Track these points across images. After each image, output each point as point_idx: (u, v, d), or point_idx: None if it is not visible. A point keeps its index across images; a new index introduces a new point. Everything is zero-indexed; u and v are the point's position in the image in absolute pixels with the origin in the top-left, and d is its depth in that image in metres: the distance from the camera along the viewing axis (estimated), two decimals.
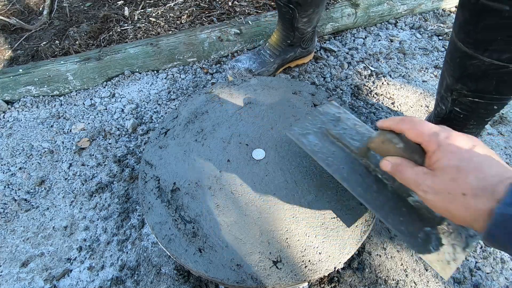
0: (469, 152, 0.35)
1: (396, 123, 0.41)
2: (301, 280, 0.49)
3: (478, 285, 0.66)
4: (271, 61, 1.01)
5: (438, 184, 0.36)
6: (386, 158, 0.43)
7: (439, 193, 0.36)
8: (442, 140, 0.37)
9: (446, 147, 0.36)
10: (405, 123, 0.40)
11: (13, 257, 0.73)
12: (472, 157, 0.35)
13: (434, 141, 0.37)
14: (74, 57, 1.07)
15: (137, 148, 0.92)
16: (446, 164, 0.35)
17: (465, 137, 0.37)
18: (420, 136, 0.39)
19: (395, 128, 0.42)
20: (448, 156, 0.36)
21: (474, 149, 0.35)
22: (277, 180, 0.59)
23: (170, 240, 0.53)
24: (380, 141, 0.44)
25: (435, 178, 0.36)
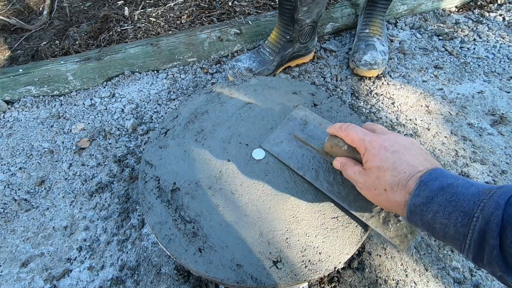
0: (386, 153, 0.41)
1: (337, 131, 0.49)
2: (301, 280, 0.49)
3: (478, 285, 0.66)
4: (270, 59, 1.01)
5: (367, 181, 0.43)
6: (336, 159, 0.51)
7: (369, 189, 0.44)
8: (368, 144, 0.43)
9: (370, 151, 0.43)
10: (342, 130, 0.48)
11: (13, 257, 0.73)
12: (388, 157, 0.41)
13: (362, 145, 0.44)
14: (74, 57, 1.07)
15: (137, 148, 0.92)
16: (370, 165, 0.42)
17: (385, 139, 0.43)
18: (352, 142, 0.46)
19: (337, 134, 0.49)
20: (372, 158, 0.42)
21: (392, 148, 0.42)
22: (277, 180, 0.59)
23: (170, 240, 0.53)
24: (329, 146, 0.52)
25: (366, 177, 0.44)
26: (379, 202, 0.43)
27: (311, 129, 0.62)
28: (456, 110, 0.99)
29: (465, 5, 1.38)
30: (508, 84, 1.06)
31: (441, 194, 0.35)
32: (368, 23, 1.09)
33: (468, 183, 0.35)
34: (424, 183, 0.37)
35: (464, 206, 0.33)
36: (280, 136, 0.63)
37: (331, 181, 0.56)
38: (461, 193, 0.34)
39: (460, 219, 0.33)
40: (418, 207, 0.37)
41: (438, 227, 0.35)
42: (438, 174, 0.38)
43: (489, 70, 1.11)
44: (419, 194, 0.37)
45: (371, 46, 1.04)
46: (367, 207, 0.52)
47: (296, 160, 0.59)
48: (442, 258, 0.70)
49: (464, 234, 0.32)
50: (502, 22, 1.29)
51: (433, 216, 0.35)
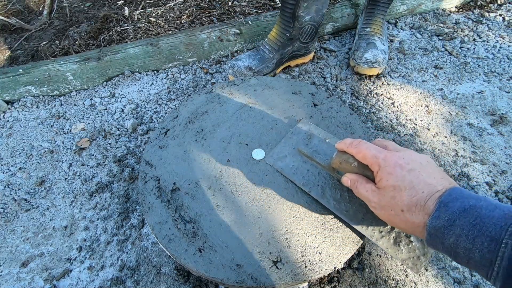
0: (402, 171, 0.40)
1: (347, 147, 0.47)
2: (301, 280, 0.49)
3: (478, 285, 0.66)
4: (270, 56, 1.01)
5: (382, 201, 0.41)
6: (346, 175, 0.48)
7: (384, 209, 0.41)
8: (381, 162, 0.42)
9: (384, 169, 0.41)
10: (352, 147, 0.46)
11: (13, 257, 0.73)
12: (405, 176, 0.39)
13: (376, 163, 0.42)
14: (74, 57, 1.07)
15: (137, 148, 0.92)
16: (385, 184, 0.40)
17: (400, 156, 0.41)
18: (364, 159, 0.44)
19: (347, 151, 0.47)
20: (387, 176, 0.40)
21: (408, 166, 0.40)
22: (277, 180, 0.59)
23: (170, 240, 0.53)
24: (338, 162, 0.50)
25: (380, 196, 0.41)
26: (395, 223, 0.41)
27: (315, 144, 0.60)
28: (456, 110, 0.99)
29: (465, 5, 1.38)
30: (508, 84, 1.06)
31: (463, 216, 0.33)
32: (369, 21, 1.09)
33: (491, 204, 0.34)
34: (444, 204, 0.35)
35: (490, 230, 0.31)
36: (284, 150, 0.61)
37: (338, 199, 0.54)
38: (486, 216, 0.32)
39: (487, 245, 0.31)
40: (439, 230, 0.35)
41: (462, 252, 0.33)
42: (458, 194, 0.36)
43: (489, 70, 1.11)
44: (440, 216, 0.35)
45: (372, 44, 1.04)
46: (377, 227, 0.50)
47: (301, 176, 0.57)
48: (442, 258, 0.70)
49: (491, 260, 0.31)
50: (502, 22, 1.29)
51: (455, 240, 0.33)
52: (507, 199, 0.78)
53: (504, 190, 0.80)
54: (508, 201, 0.78)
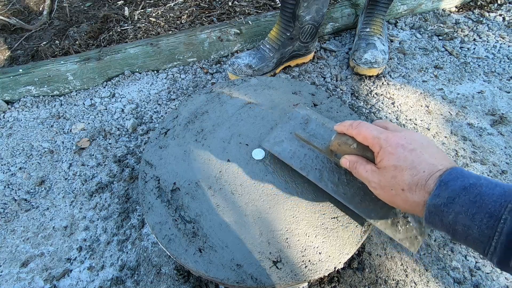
0: (404, 151, 0.40)
1: (347, 129, 0.47)
2: (301, 280, 0.49)
3: (478, 285, 0.66)
4: (270, 55, 1.01)
5: (383, 181, 0.41)
6: (344, 157, 0.48)
7: (384, 189, 0.42)
8: (383, 143, 0.42)
9: (385, 149, 0.41)
10: (353, 128, 0.46)
11: (13, 257, 0.73)
12: (406, 156, 0.39)
13: (377, 143, 0.42)
14: (74, 57, 1.07)
15: (137, 148, 0.92)
16: (386, 164, 0.41)
17: (401, 136, 0.42)
18: (365, 140, 0.44)
19: (347, 132, 0.47)
20: (388, 156, 0.41)
21: (410, 146, 0.40)
22: (277, 180, 0.59)
23: (170, 240, 0.53)
24: (337, 144, 0.49)
25: (381, 176, 0.42)
26: (395, 202, 0.41)
27: (313, 128, 0.60)
28: (456, 110, 0.99)
29: (465, 5, 1.38)
30: (508, 84, 1.06)
31: (463, 194, 0.34)
32: (369, 22, 1.09)
33: (491, 183, 0.34)
34: (445, 183, 0.36)
35: (489, 207, 0.32)
36: (280, 135, 0.61)
37: (336, 182, 0.54)
38: (486, 194, 0.33)
39: (486, 221, 0.31)
40: (438, 208, 0.35)
41: (460, 229, 0.34)
42: (458, 173, 0.36)
43: (489, 70, 1.11)
44: (440, 195, 0.35)
45: (371, 45, 1.04)
46: (375, 209, 0.50)
47: (299, 160, 0.57)
48: (442, 258, 0.70)
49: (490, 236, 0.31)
50: (502, 22, 1.29)
51: (454, 217, 0.34)
52: None
53: None
54: None
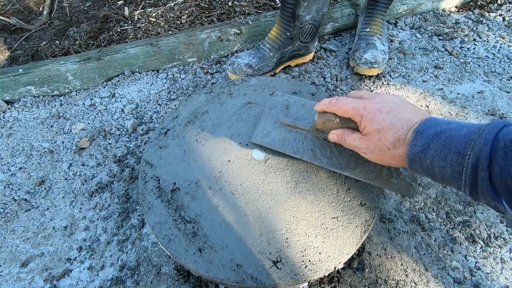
0: (382, 115, 0.44)
1: (327, 107, 0.50)
2: (301, 280, 0.49)
3: (478, 285, 0.66)
4: (270, 55, 1.01)
5: (370, 145, 0.45)
6: (331, 132, 0.52)
7: (373, 152, 0.46)
8: (362, 112, 0.45)
9: (366, 117, 0.45)
10: (332, 105, 0.49)
11: (13, 257, 0.73)
12: (385, 118, 0.43)
13: (357, 113, 0.46)
14: (74, 57, 1.07)
15: (137, 148, 0.92)
16: (370, 130, 0.44)
17: (377, 102, 0.45)
18: (346, 113, 0.48)
19: (328, 110, 0.51)
20: (369, 123, 0.44)
21: (385, 109, 0.44)
22: (277, 180, 0.59)
23: (170, 240, 0.53)
24: (321, 122, 0.53)
25: (367, 141, 0.46)
26: (385, 160, 0.46)
27: (294, 112, 0.62)
28: (456, 110, 0.99)
29: (465, 5, 1.38)
30: (508, 84, 1.06)
31: (436, 140, 0.38)
32: (369, 22, 1.09)
33: (459, 125, 0.38)
34: (420, 133, 0.40)
35: (457, 147, 0.36)
36: (266, 127, 0.63)
37: (328, 156, 0.57)
38: (454, 136, 0.37)
39: (455, 159, 0.35)
40: (416, 155, 0.39)
41: (437, 170, 0.38)
42: (432, 122, 0.40)
43: (489, 70, 1.11)
44: (416, 144, 0.39)
45: (371, 45, 1.04)
46: (369, 170, 0.54)
47: (290, 145, 0.60)
48: (442, 258, 0.70)
49: (459, 172, 0.35)
50: (502, 22, 1.29)
51: (431, 161, 0.38)
52: None
53: None
54: None
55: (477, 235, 0.73)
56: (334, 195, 0.57)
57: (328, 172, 0.59)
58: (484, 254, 0.70)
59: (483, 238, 0.72)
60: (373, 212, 0.56)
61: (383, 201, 0.78)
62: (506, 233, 0.73)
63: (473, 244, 0.72)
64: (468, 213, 0.76)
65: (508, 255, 0.70)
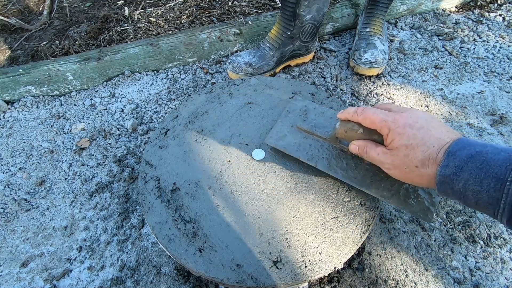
0: (413, 130, 0.42)
1: (352, 116, 0.48)
2: (301, 280, 0.49)
3: (478, 285, 0.66)
4: (270, 54, 1.01)
5: (396, 161, 0.43)
6: (353, 142, 0.49)
7: (398, 168, 0.43)
8: (391, 124, 0.43)
9: (395, 130, 0.43)
10: (358, 114, 0.47)
11: (13, 257, 0.73)
12: (416, 134, 0.41)
13: (385, 126, 0.44)
14: (74, 57, 1.07)
15: (137, 148, 0.92)
16: (397, 144, 0.42)
17: (408, 116, 0.44)
18: (372, 124, 0.45)
19: (352, 119, 0.48)
20: (398, 137, 0.42)
21: (417, 125, 0.42)
22: (277, 180, 0.59)
23: (170, 240, 0.53)
24: (343, 131, 0.50)
25: (393, 156, 0.43)
26: (410, 179, 0.43)
27: (313, 118, 0.60)
28: (456, 110, 0.99)
29: (465, 5, 1.38)
30: (508, 84, 1.06)
31: (470, 162, 0.36)
32: (369, 22, 1.09)
33: (496, 149, 0.36)
34: (452, 153, 0.38)
35: (495, 171, 0.34)
36: (282, 129, 0.61)
37: (344, 167, 0.55)
38: (491, 159, 0.35)
39: (493, 185, 0.33)
40: (448, 177, 0.37)
41: (470, 194, 0.36)
42: (465, 143, 0.38)
43: (489, 70, 1.11)
44: (449, 165, 0.37)
45: (372, 44, 1.04)
46: (385, 188, 0.52)
47: (305, 151, 0.57)
48: (442, 258, 0.70)
49: (498, 198, 0.33)
50: (502, 22, 1.29)
51: (464, 184, 0.36)
52: None
53: None
54: None
55: (477, 235, 0.73)
56: (334, 195, 0.57)
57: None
58: (484, 254, 0.70)
59: (483, 238, 0.72)
60: (373, 212, 0.56)
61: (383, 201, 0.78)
62: (506, 233, 0.73)
63: (473, 244, 0.72)
64: (468, 213, 0.76)
65: (508, 255, 0.70)
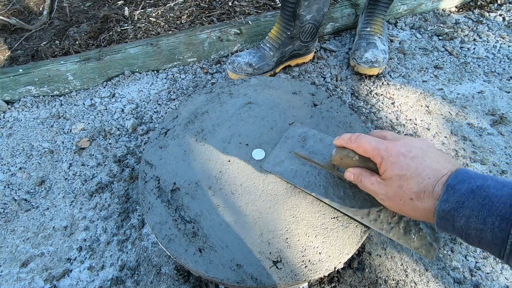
0: (406, 159, 0.40)
1: (346, 143, 0.47)
2: (301, 280, 0.49)
3: (478, 285, 0.66)
4: (270, 54, 1.01)
5: (389, 192, 0.41)
6: (348, 170, 0.48)
7: (392, 200, 0.41)
8: (383, 153, 0.41)
9: (387, 159, 0.41)
10: (352, 142, 0.46)
11: (13, 257, 0.73)
12: (409, 164, 0.39)
13: (378, 154, 0.42)
14: (74, 57, 1.07)
15: (137, 148, 0.92)
16: (390, 175, 0.40)
17: (401, 145, 0.42)
18: (366, 152, 0.44)
19: (347, 146, 0.47)
20: (391, 167, 0.40)
21: (410, 154, 0.40)
22: (277, 180, 0.59)
23: (170, 240, 0.53)
24: (339, 158, 0.49)
25: (387, 187, 0.42)
26: (405, 211, 0.41)
27: (311, 145, 0.60)
28: (456, 110, 0.99)
29: (465, 5, 1.38)
30: (508, 84, 1.06)
31: (472, 197, 0.34)
32: (369, 21, 1.09)
33: (499, 183, 0.34)
34: (452, 187, 0.35)
35: (499, 209, 0.32)
36: (280, 155, 0.61)
37: (341, 196, 0.54)
38: (494, 196, 0.33)
39: (498, 224, 0.31)
40: (448, 213, 0.35)
41: (473, 232, 0.34)
42: (464, 175, 0.36)
43: (489, 70, 1.11)
44: (448, 199, 0.35)
45: (372, 44, 1.04)
46: (384, 220, 0.50)
47: (302, 178, 0.57)
48: (442, 258, 0.70)
49: (503, 239, 0.31)
50: (502, 22, 1.29)
51: (466, 221, 0.34)
52: None
53: None
54: None
55: None
56: None
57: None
58: (484, 254, 0.70)
59: None
60: None
61: None
62: None
63: None
64: None
65: None
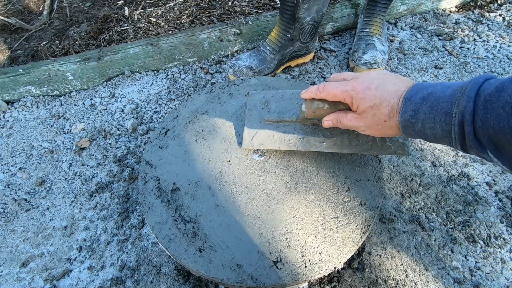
0: (372, 91, 0.45)
1: (315, 94, 0.51)
2: (301, 280, 0.49)
3: (478, 285, 0.66)
4: (271, 57, 1.01)
5: (367, 122, 0.47)
6: (325, 119, 0.52)
7: (372, 127, 0.47)
8: (352, 93, 0.47)
9: (357, 96, 0.46)
10: (320, 92, 0.50)
11: (13, 257, 0.73)
12: (375, 95, 0.45)
13: (347, 96, 0.47)
14: (74, 57, 1.07)
15: (137, 148, 0.92)
16: (364, 108, 0.46)
17: (363, 80, 0.47)
18: (335, 97, 0.49)
19: (316, 97, 0.51)
20: (362, 102, 0.46)
21: (373, 85, 0.45)
22: (277, 180, 0.59)
23: (170, 240, 0.53)
24: (311, 112, 0.53)
25: (364, 119, 0.47)
26: (385, 132, 0.47)
27: (275, 106, 0.62)
28: None
29: (465, 5, 1.38)
30: None
31: (424, 103, 0.40)
32: (368, 22, 1.09)
33: (445, 86, 0.40)
34: (408, 99, 0.42)
35: (444, 107, 0.38)
36: (253, 128, 0.62)
37: (322, 140, 0.57)
38: (440, 97, 0.39)
39: (443, 119, 0.38)
40: (408, 121, 0.42)
41: (429, 132, 0.40)
42: (418, 87, 0.42)
43: (489, 70, 1.11)
44: (406, 110, 0.42)
45: (371, 45, 1.04)
46: (363, 142, 0.55)
47: (282, 140, 0.59)
48: (442, 258, 0.70)
49: (449, 130, 0.37)
50: (502, 22, 1.29)
51: (422, 124, 0.40)
52: (507, 199, 0.78)
53: (504, 190, 0.80)
54: (508, 201, 0.78)
55: (477, 235, 0.73)
56: (334, 195, 0.57)
57: (328, 172, 0.59)
58: (484, 254, 0.70)
59: (483, 238, 0.72)
60: (373, 212, 0.56)
61: (383, 201, 0.78)
62: (506, 233, 0.73)
63: (473, 244, 0.72)
64: (468, 213, 0.76)
65: (508, 255, 0.70)
